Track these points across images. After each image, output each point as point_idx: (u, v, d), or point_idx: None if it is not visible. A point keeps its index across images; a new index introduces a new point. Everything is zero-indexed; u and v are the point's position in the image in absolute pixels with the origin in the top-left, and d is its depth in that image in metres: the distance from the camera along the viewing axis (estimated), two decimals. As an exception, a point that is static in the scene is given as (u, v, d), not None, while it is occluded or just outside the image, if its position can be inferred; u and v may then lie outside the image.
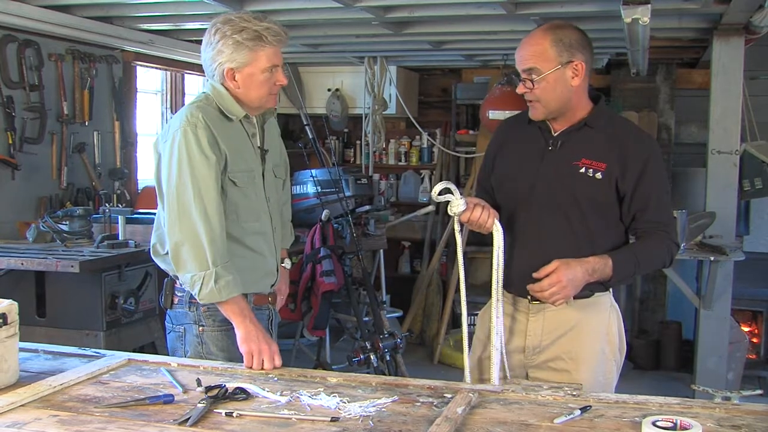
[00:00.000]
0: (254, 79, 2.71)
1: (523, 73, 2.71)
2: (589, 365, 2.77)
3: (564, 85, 2.67)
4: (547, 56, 2.65)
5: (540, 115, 2.75)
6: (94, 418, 2.07)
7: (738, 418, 2.08)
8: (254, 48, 2.66)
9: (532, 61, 2.67)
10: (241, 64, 2.68)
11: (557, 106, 2.71)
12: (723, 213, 5.33)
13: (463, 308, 2.74)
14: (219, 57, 2.69)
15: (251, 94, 2.74)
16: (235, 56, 2.67)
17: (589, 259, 2.61)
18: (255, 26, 2.67)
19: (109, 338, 4.48)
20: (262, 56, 2.68)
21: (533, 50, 2.68)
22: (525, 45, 2.72)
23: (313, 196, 6.03)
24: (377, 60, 7.40)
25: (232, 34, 2.65)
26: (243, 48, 2.66)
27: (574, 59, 2.66)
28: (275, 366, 2.57)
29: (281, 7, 4.79)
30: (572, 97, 2.71)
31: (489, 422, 2.06)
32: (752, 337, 6.37)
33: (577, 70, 2.67)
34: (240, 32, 2.65)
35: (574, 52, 2.66)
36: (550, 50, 2.65)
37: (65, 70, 5.56)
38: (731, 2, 4.36)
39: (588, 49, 2.71)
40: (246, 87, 2.72)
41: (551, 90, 2.67)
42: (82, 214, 4.91)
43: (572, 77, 2.67)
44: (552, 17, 4.64)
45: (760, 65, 6.64)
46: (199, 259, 2.61)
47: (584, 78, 2.71)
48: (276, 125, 3.07)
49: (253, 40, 2.66)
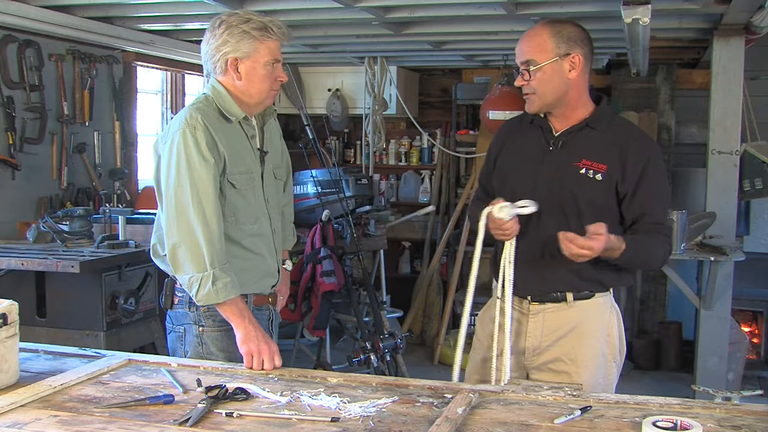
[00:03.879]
0: (256, 72, 2.73)
1: (521, 65, 2.72)
2: (590, 367, 2.77)
3: (560, 77, 2.69)
4: (544, 47, 2.67)
5: (535, 108, 2.75)
6: (95, 418, 2.06)
7: (738, 419, 2.08)
8: (260, 38, 2.70)
9: (530, 53, 2.69)
10: (245, 54, 2.71)
11: (553, 99, 2.72)
12: (723, 213, 5.32)
13: (466, 309, 2.75)
14: (224, 47, 2.71)
15: (253, 88, 2.75)
16: (240, 46, 2.70)
17: (611, 236, 2.57)
18: (260, 18, 2.73)
19: (109, 338, 4.49)
20: (266, 47, 2.72)
21: (532, 42, 2.71)
22: (524, 38, 2.75)
23: (313, 197, 6.03)
24: (377, 60, 7.39)
25: (239, 24, 2.69)
26: (248, 37, 2.69)
27: (571, 52, 2.67)
28: (275, 366, 2.57)
29: (282, 7, 4.78)
30: (569, 90, 2.72)
31: (489, 422, 2.06)
32: (752, 338, 6.38)
33: (575, 63, 2.68)
34: (246, 22, 2.69)
35: (572, 45, 2.67)
36: (548, 42, 2.67)
37: (65, 70, 5.56)
38: (731, 2, 4.36)
39: (587, 44, 2.72)
40: (248, 79, 2.74)
41: (547, 81, 2.68)
42: (83, 214, 4.91)
43: (569, 70, 2.69)
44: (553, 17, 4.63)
45: (761, 65, 6.64)
46: (197, 261, 2.62)
47: (582, 73, 2.71)
48: (277, 127, 3.08)
49: (259, 30, 2.69)
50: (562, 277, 2.73)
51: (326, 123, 7.80)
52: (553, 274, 2.71)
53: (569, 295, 2.78)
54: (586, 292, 2.77)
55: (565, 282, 2.76)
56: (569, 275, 2.72)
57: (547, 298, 2.80)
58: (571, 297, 2.78)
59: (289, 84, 7.49)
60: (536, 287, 2.79)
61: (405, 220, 7.59)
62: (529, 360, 2.84)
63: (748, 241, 6.65)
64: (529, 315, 2.82)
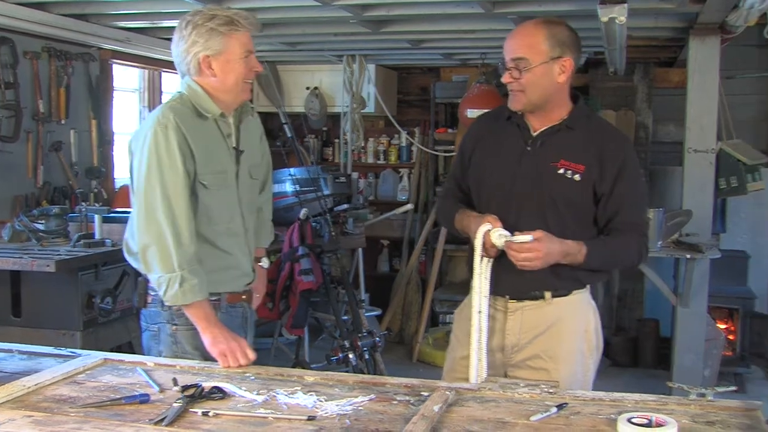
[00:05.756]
0: (231, 66, 2.72)
1: (510, 62, 2.71)
2: (568, 364, 2.78)
3: (550, 80, 2.69)
4: (539, 49, 2.67)
5: (520, 106, 2.75)
6: (69, 418, 2.04)
7: (712, 414, 2.10)
8: (228, 32, 2.69)
9: (523, 51, 2.68)
10: (216, 51, 2.70)
11: (539, 100, 2.72)
12: (699, 211, 5.36)
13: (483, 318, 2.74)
14: (193, 48, 2.70)
15: (229, 81, 2.74)
16: (210, 44, 2.69)
17: (567, 242, 2.65)
18: (225, 12, 2.72)
19: (86, 338, 4.45)
20: (236, 41, 2.71)
21: (526, 41, 2.70)
22: (517, 35, 2.74)
23: (291, 195, 6.02)
24: (356, 58, 7.39)
25: (204, 22, 2.68)
26: (216, 34, 2.68)
27: (564, 56, 2.68)
28: (250, 360, 2.58)
29: (259, 5, 4.77)
30: (555, 93, 2.73)
31: (466, 420, 2.07)
32: (728, 334, 6.42)
33: (565, 67, 2.70)
34: (211, 19, 2.68)
35: (564, 49, 2.69)
36: (543, 43, 2.67)
37: (41, 67, 5.53)
38: (707, 2, 4.39)
39: (577, 49, 2.75)
40: (223, 73, 2.73)
41: (537, 82, 2.68)
42: (58, 213, 4.87)
43: (559, 73, 2.70)
44: (530, 16, 4.64)
45: (736, 64, 6.69)
46: (165, 262, 2.62)
47: (569, 77, 2.73)
48: (258, 126, 3.07)
49: (226, 25, 2.68)
50: (539, 276, 2.74)
51: (305, 121, 7.79)
52: (531, 274, 2.71)
53: (547, 293, 2.79)
54: (563, 290, 2.78)
55: (542, 281, 2.76)
56: (547, 274, 2.73)
57: (525, 296, 2.81)
58: (549, 295, 2.79)
59: (267, 82, 7.48)
60: (514, 287, 2.79)
61: (383, 218, 7.58)
62: (508, 357, 2.84)
63: (724, 238, 6.71)
64: (507, 313, 2.83)
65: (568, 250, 2.65)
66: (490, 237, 2.66)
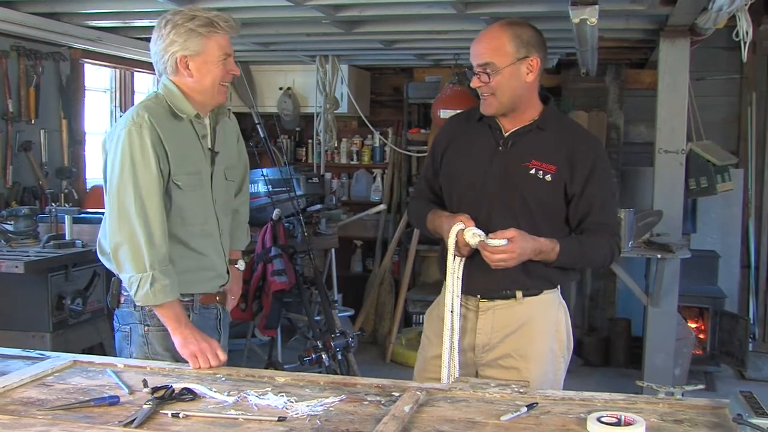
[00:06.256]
0: (208, 67, 2.71)
1: (478, 68, 2.73)
2: (539, 363, 2.79)
3: (518, 81, 2.71)
4: (504, 51, 2.68)
5: (492, 110, 2.76)
6: (37, 421, 2.02)
7: (681, 413, 2.12)
8: (207, 34, 2.68)
9: (489, 55, 2.69)
10: (194, 52, 2.69)
11: (510, 102, 2.74)
12: (670, 211, 5.40)
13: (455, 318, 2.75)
14: (171, 47, 2.69)
15: (205, 82, 2.73)
16: (188, 44, 2.68)
17: (540, 239, 2.67)
18: (205, 14, 2.71)
19: (56, 340, 4.41)
20: (215, 43, 2.70)
21: (491, 45, 2.71)
22: (482, 39, 2.75)
23: (264, 195, 5.99)
24: (329, 59, 7.38)
25: (184, 22, 2.67)
26: (195, 35, 2.67)
27: (530, 55, 2.70)
28: (221, 361, 2.58)
29: (231, 5, 4.74)
30: (524, 93, 2.75)
31: (436, 420, 2.07)
32: (699, 334, 6.47)
33: (532, 66, 2.71)
34: (191, 20, 2.67)
35: (530, 49, 2.70)
36: (507, 45, 2.68)
37: (10, 67, 5.47)
38: (677, 4, 4.43)
39: (543, 48, 2.76)
40: (200, 74, 2.72)
41: (506, 84, 2.70)
42: (28, 213, 4.82)
43: (527, 73, 2.71)
44: (502, 17, 4.63)
45: (706, 66, 6.77)
46: (136, 262, 2.61)
47: (537, 76, 2.74)
48: (235, 128, 3.06)
49: (205, 27, 2.67)
50: (511, 276, 2.75)
51: (277, 122, 7.77)
52: (502, 273, 2.72)
53: (518, 292, 2.80)
54: (534, 290, 2.80)
55: (514, 280, 2.77)
56: (518, 273, 2.74)
57: (496, 295, 2.82)
58: (520, 294, 2.80)
59: (240, 82, 7.45)
60: (486, 286, 2.80)
61: (356, 218, 7.59)
62: (479, 356, 2.85)
63: (695, 238, 6.77)
64: (478, 312, 2.84)
65: (541, 248, 2.67)
66: (463, 236, 2.67)
